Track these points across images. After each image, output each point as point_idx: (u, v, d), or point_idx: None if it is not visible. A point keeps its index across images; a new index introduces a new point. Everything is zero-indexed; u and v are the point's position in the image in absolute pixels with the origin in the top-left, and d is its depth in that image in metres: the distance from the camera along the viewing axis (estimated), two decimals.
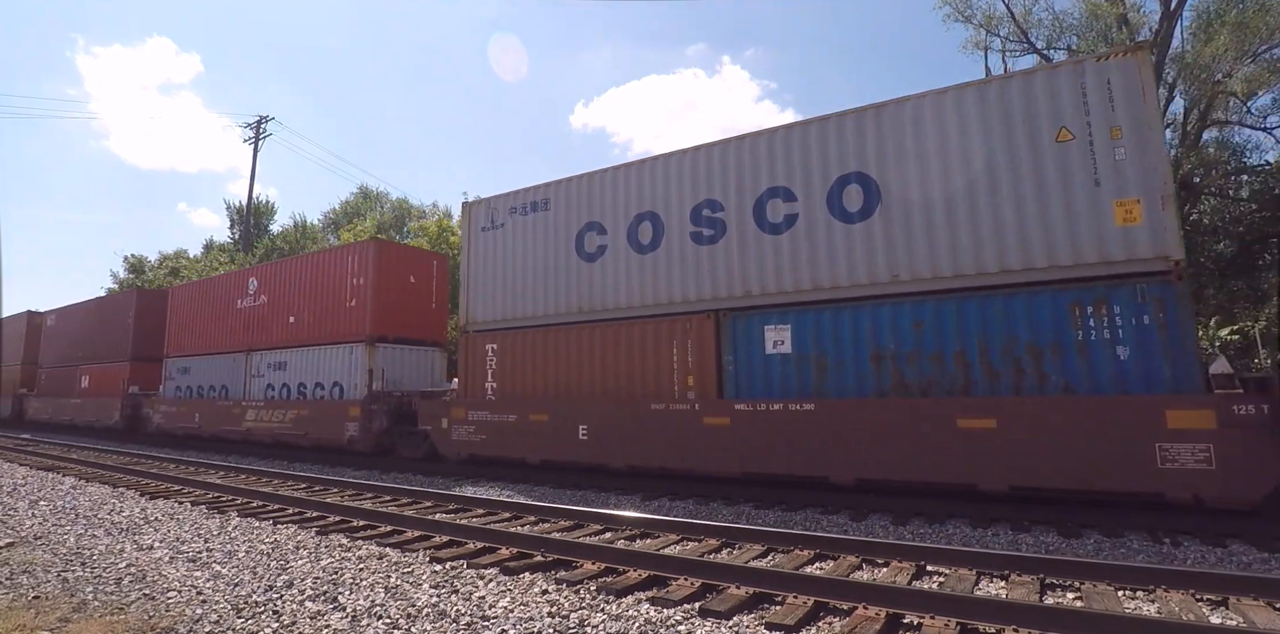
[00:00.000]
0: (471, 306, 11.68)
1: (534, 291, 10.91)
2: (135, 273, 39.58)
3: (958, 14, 22.20)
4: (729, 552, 5.79)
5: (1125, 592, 4.51)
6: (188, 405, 16.93)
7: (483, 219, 11.80)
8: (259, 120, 33.20)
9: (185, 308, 18.42)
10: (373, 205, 43.18)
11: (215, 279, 18.15)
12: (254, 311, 15.91)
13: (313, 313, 14.41)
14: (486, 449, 10.73)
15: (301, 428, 13.71)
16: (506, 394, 10.84)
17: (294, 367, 14.54)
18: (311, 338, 14.29)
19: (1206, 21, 19.19)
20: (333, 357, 13.72)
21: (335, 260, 14.33)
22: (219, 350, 16.69)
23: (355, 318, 13.48)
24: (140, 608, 4.56)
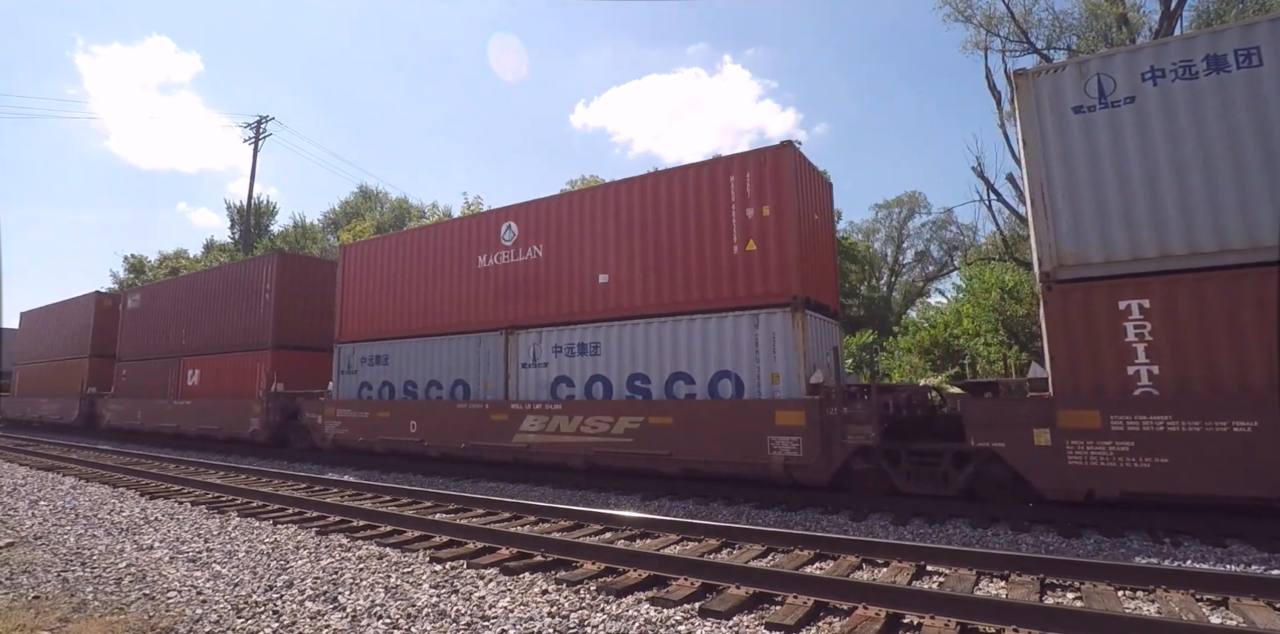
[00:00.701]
0: None
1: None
2: (135, 273, 39.58)
3: (958, 14, 22.21)
4: (729, 552, 5.79)
5: (1125, 592, 4.51)
6: (396, 409, 11.94)
7: None
8: (259, 120, 33.22)
9: (371, 272, 13.28)
10: (372, 205, 43.19)
11: (431, 229, 12.85)
12: (515, 270, 10.91)
13: (656, 265, 9.43)
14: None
15: (662, 444, 8.67)
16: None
17: (616, 348, 9.59)
18: (658, 304, 9.32)
19: (1206, 21, 19.19)
20: (716, 331, 8.75)
21: (704, 178, 9.22)
22: (444, 329, 11.72)
23: (758, 270, 8.59)
24: (140, 608, 4.56)
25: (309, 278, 15.96)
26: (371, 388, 12.82)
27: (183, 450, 16.27)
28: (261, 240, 37.10)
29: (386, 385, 12.59)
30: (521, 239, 11.01)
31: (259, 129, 33.14)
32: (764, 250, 8.56)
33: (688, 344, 8.95)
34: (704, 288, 8.96)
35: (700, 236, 9.09)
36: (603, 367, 9.68)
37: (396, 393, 12.35)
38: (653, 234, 9.55)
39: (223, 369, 16.05)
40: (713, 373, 8.72)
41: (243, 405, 14.93)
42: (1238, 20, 17.94)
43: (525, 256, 10.92)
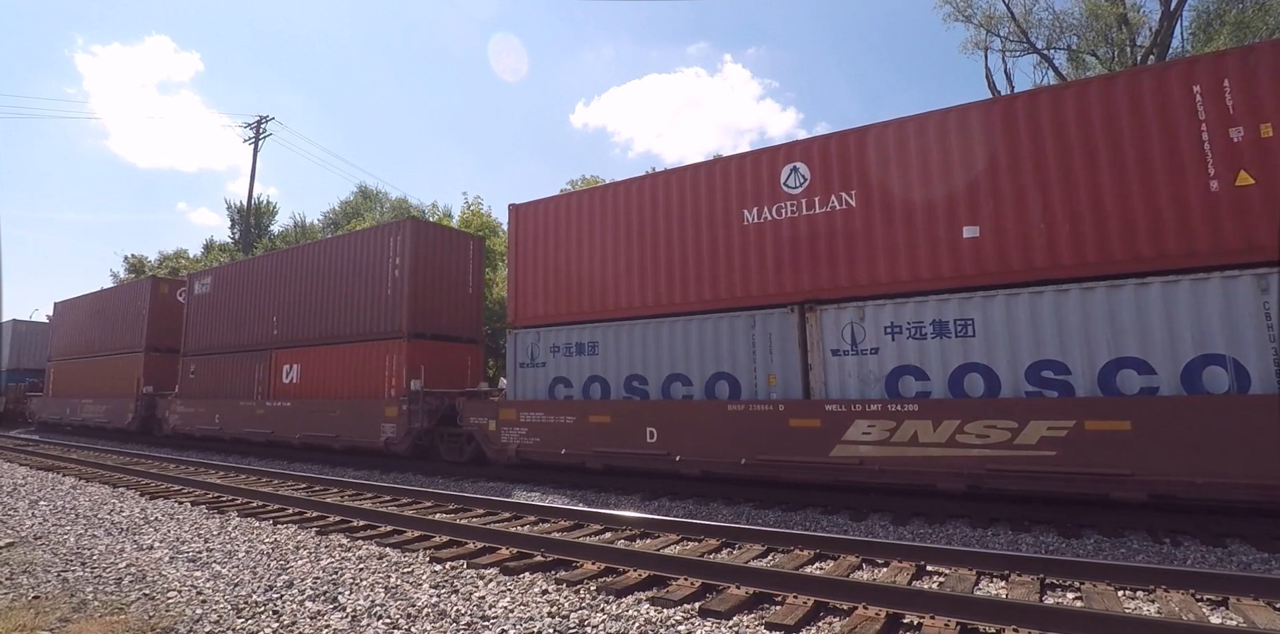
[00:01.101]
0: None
1: None
2: (135, 273, 39.57)
3: (958, 14, 22.23)
4: (729, 552, 5.79)
5: (1125, 592, 4.51)
6: (620, 412, 9.04)
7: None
8: (259, 120, 33.21)
9: (562, 237, 10.44)
10: (372, 205, 43.18)
11: (659, 178, 9.64)
12: (809, 226, 8.15)
13: (1069, 207, 6.79)
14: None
15: (1112, 459, 6.09)
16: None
17: (1002, 329, 6.86)
18: (1077, 264, 6.68)
19: (1206, 21, 19.21)
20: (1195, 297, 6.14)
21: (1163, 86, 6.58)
22: (691, 307, 8.94)
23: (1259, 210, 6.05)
24: (140, 608, 4.56)
25: (446, 251, 13.17)
26: (571, 385, 9.86)
27: (182, 450, 16.23)
28: (261, 240, 37.10)
29: (596, 381, 9.62)
30: (816, 185, 8.17)
31: (259, 129, 33.15)
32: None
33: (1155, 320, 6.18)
34: (1161, 237, 6.32)
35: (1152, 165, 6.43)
36: (979, 353, 6.93)
37: (613, 391, 9.39)
38: (1057, 164, 6.87)
39: (335, 364, 13.22)
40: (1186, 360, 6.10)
41: (370, 408, 12.13)
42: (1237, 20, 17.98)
43: (825, 207, 8.08)
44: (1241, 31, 17.98)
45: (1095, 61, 20.79)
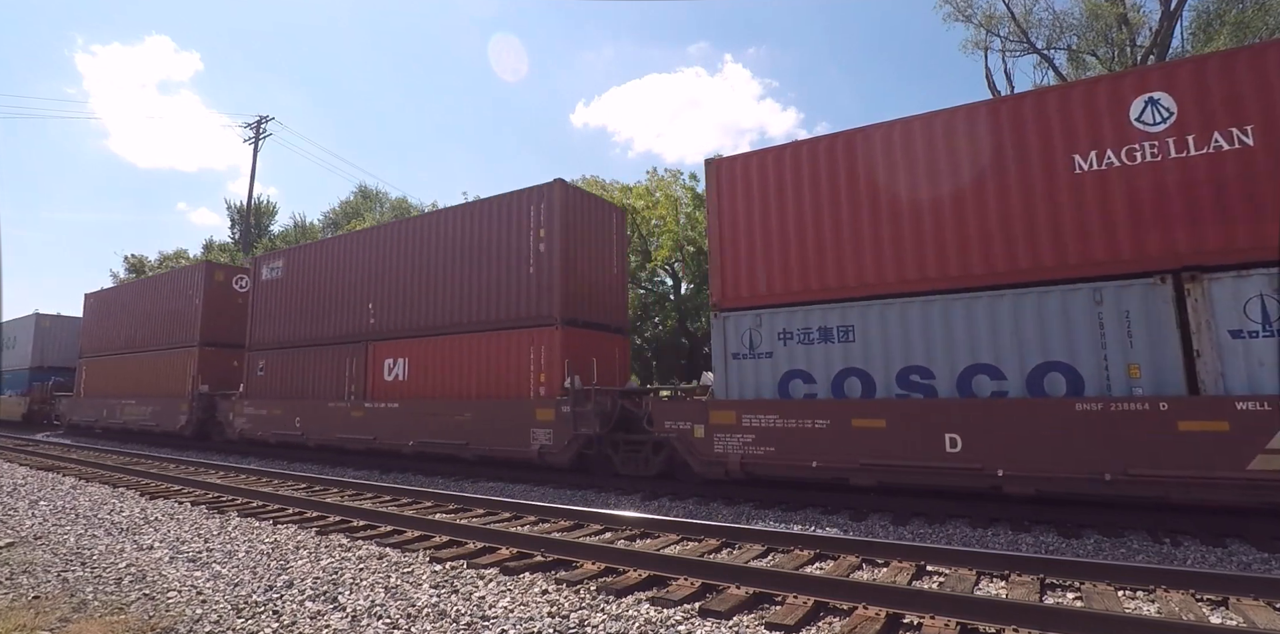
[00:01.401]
0: None
1: None
2: (135, 273, 39.59)
3: (958, 14, 22.24)
4: (729, 552, 5.79)
5: (1125, 592, 4.51)
6: (912, 413, 7.07)
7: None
8: (259, 120, 33.23)
9: (782, 196, 8.46)
10: (372, 205, 43.21)
11: (932, 118, 7.71)
12: (1182, 170, 6.36)
13: None
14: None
15: None
16: None
17: None
18: None
19: (1206, 21, 19.21)
20: None
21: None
22: (993, 279, 7.06)
23: None
24: (140, 608, 4.56)
25: (590, 222, 11.13)
26: (814, 380, 7.86)
27: (182, 450, 16.20)
28: (261, 240, 37.10)
29: (853, 375, 7.61)
30: (1189, 119, 6.40)
31: (259, 129, 33.16)
32: None
33: None
34: None
35: None
36: None
37: (880, 387, 7.45)
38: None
39: (457, 357, 11.11)
40: None
41: (515, 410, 10.00)
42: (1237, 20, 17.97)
43: (1205, 148, 6.28)
44: (1241, 31, 17.98)
45: (1095, 61, 20.79)
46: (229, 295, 17.18)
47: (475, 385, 10.89)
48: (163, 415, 17.06)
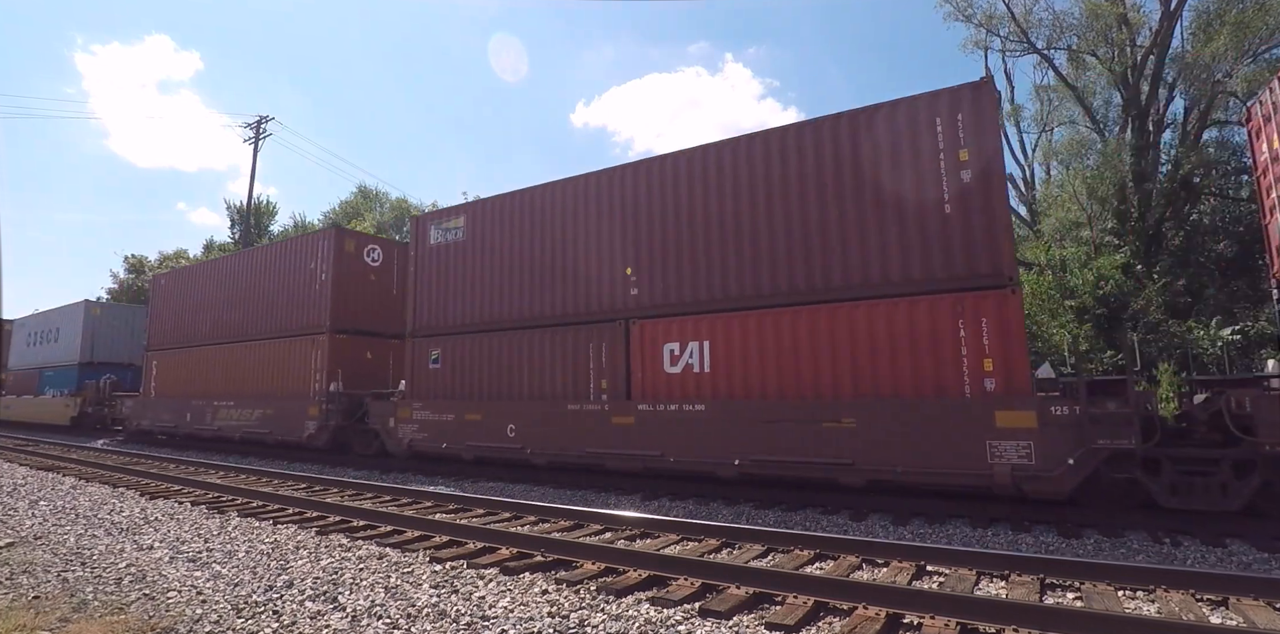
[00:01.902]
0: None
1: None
2: (135, 273, 39.59)
3: (958, 13, 22.23)
4: (729, 552, 5.79)
5: (1125, 592, 4.51)
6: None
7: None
8: (259, 120, 33.21)
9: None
10: (372, 205, 43.23)
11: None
12: None
13: None
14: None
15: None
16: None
17: None
18: None
19: (1206, 21, 19.20)
20: None
21: None
22: None
23: None
24: (140, 608, 4.56)
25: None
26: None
27: (182, 450, 16.18)
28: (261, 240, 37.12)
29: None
30: None
31: (259, 129, 33.15)
32: None
33: None
34: None
35: None
36: None
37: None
38: None
39: (814, 336, 7.81)
40: None
41: (957, 414, 6.84)
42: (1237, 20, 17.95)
43: None
44: (1241, 31, 17.96)
45: (1095, 61, 20.78)
46: (361, 270, 13.90)
47: (858, 376, 7.52)
48: (279, 421, 13.61)
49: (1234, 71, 18.68)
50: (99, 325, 21.87)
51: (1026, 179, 25.48)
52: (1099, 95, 21.69)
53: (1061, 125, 24.02)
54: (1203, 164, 19.38)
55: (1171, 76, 19.60)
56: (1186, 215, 19.61)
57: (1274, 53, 18.66)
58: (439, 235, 11.95)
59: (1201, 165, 19.33)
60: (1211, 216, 20.03)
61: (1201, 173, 19.39)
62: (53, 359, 23.01)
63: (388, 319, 14.12)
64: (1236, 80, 18.86)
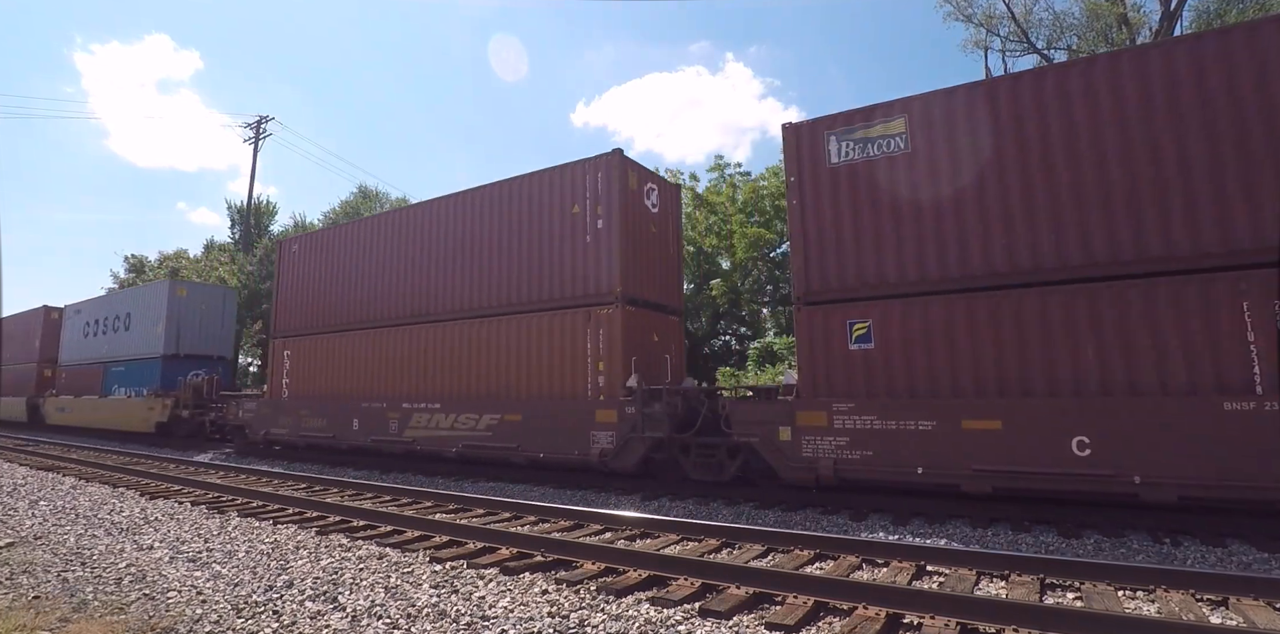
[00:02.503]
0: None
1: None
2: (136, 273, 39.55)
3: (958, 13, 22.24)
4: (729, 552, 5.79)
5: (1125, 592, 4.51)
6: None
7: None
8: (259, 120, 33.21)
9: None
10: (372, 205, 43.22)
11: None
12: None
13: None
14: None
15: None
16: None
17: None
18: None
19: (1206, 21, 19.20)
20: None
21: None
22: None
23: None
24: (140, 608, 4.56)
25: None
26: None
27: (182, 450, 16.14)
28: (261, 240, 37.08)
29: None
30: None
31: (259, 129, 33.15)
32: None
33: None
34: None
35: None
36: None
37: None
38: None
39: None
40: None
41: None
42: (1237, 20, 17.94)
43: None
44: None
45: None
46: (643, 217, 10.28)
47: None
48: (535, 434, 9.66)
49: None
50: (186, 309, 17.98)
51: None
52: None
53: None
54: None
55: None
56: None
57: None
58: (867, 150, 8.02)
59: None
60: None
61: None
62: (124, 351, 18.82)
63: (668, 287, 10.84)
64: None
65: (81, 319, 21.62)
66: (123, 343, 19.13)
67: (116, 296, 21.38)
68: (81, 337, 21.42)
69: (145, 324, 18.38)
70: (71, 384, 21.16)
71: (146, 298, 18.82)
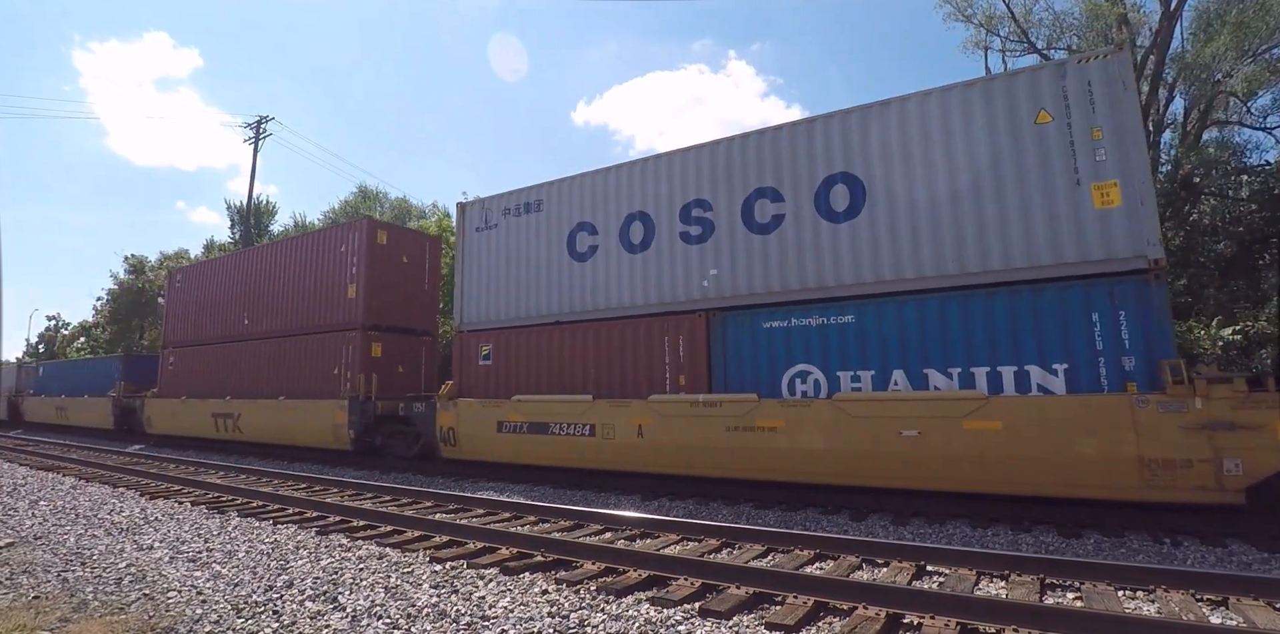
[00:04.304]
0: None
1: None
2: (136, 273, 39.55)
3: (958, 14, 22.19)
4: (729, 552, 5.79)
5: (1125, 592, 4.51)
6: None
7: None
8: (259, 120, 33.20)
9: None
10: (372, 205, 43.20)
11: None
12: None
13: None
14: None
15: None
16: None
17: None
18: None
19: (1206, 21, 19.18)
20: None
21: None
22: None
23: None
24: (140, 608, 4.56)
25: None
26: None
27: (182, 450, 16.20)
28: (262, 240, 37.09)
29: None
30: None
31: (259, 129, 33.14)
32: None
33: None
34: None
35: None
36: None
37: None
38: None
39: None
40: None
41: None
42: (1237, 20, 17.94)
43: None
44: (1241, 31, 17.95)
45: None
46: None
47: None
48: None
49: (1234, 71, 18.67)
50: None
51: None
52: None
53: None
54: (1203, 164, 19.36)
55: (1171, 76, 19.57)
56: (1186, 215, 19.58)
57: (1274, 53, 18.63)
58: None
59: (1201, 165, 19.31)
60: (1211, 216, 20.00)
61: (1201, 173, 19.37)
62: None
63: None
64: (1236, 80, 18.86)
65: None
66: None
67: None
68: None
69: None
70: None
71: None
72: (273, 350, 14.67)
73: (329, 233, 14.41)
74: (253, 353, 15.21)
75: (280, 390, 14.18)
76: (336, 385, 13.01)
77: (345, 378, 12.84)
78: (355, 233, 13.59)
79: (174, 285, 18.75)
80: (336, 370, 13.07)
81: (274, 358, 14.58)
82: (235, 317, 15.98)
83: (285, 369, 14.25)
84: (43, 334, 48.72)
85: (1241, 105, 19.96)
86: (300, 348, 14.01)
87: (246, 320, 15.47)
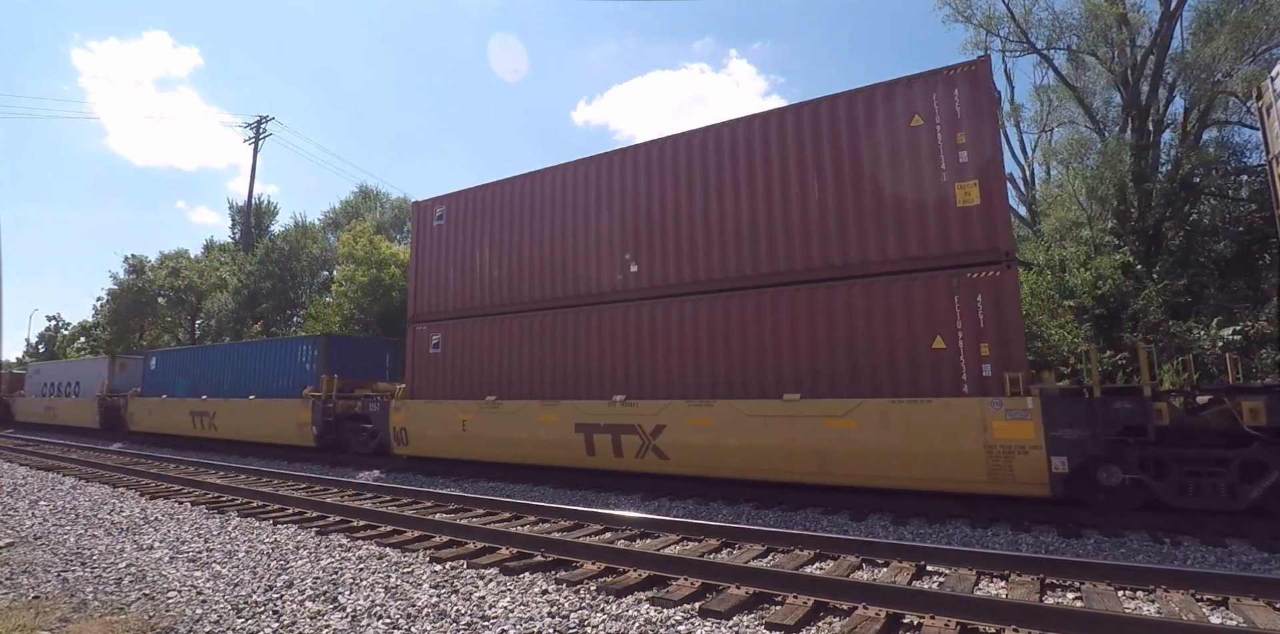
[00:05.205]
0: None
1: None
2: (136, 273, 39.50)
3: (958, 14, 22.18)
4: (729, 552, 5.79)
5: (1125, 592, 4.51)
6: None
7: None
8: (259, 120, 33.22)
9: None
10: (372, 205, 43.18)
11: None
12: None
13: None
14: None
15: None
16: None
17: None
18: None
19: (1206, 21, 19.18)
20: None
21: None
22: None
23: None
24: (140, 608, 4.55)
25: None
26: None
27: (182, 450, 16.20)
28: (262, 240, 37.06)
29: None
30: None
31: (259, 129, 33.15)
32: None
33: None
34: None
35: None
36: None
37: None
38: None
39: None
40: None
41: None
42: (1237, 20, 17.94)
43: None
44: (1241, 31, 17.94)
45: (1095, 62, 20.76)
46: None
47: None
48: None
49: (1234, 71, 18.65)
50: None
51: (1026, 179, 25.46)
52: (1099, 95, 21.65)
53: (1061, 125, 23.96)
54: (1203, 164, 19.36)
55: (1171, 76, 19.56)
56: (1186, 215, 19.58)
57: (1274, 53, 18.62)
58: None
59: (1201, 165, 19.31)
60: (1211, 216, 20.00)
61: (1201, 173, 19.37)
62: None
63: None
64: (1236, 80, 18.84)
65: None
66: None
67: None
68: None
69: None
70: None
71: None
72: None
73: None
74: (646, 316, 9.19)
75: None
76: None
77: None
78: None
79: (432, 224, 12.29)
80: None
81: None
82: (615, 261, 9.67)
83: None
84: (43, 334, 48.75)
85: (1241, 105, 19.94)
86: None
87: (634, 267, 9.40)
